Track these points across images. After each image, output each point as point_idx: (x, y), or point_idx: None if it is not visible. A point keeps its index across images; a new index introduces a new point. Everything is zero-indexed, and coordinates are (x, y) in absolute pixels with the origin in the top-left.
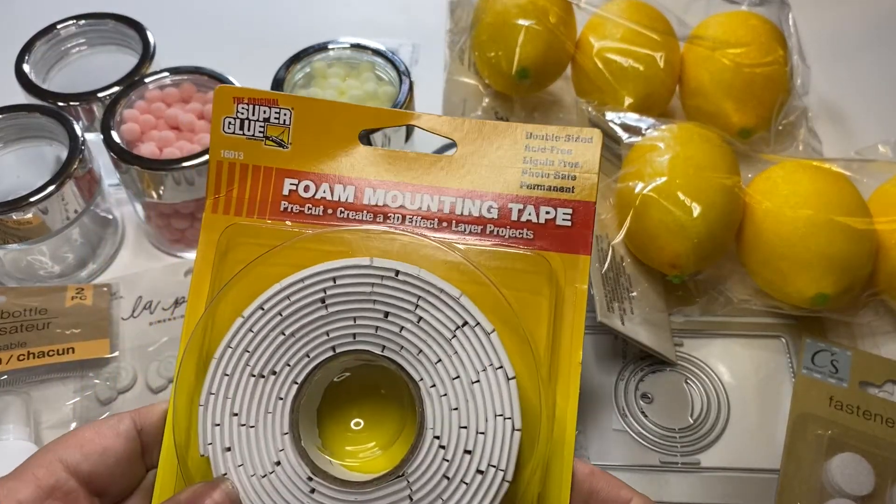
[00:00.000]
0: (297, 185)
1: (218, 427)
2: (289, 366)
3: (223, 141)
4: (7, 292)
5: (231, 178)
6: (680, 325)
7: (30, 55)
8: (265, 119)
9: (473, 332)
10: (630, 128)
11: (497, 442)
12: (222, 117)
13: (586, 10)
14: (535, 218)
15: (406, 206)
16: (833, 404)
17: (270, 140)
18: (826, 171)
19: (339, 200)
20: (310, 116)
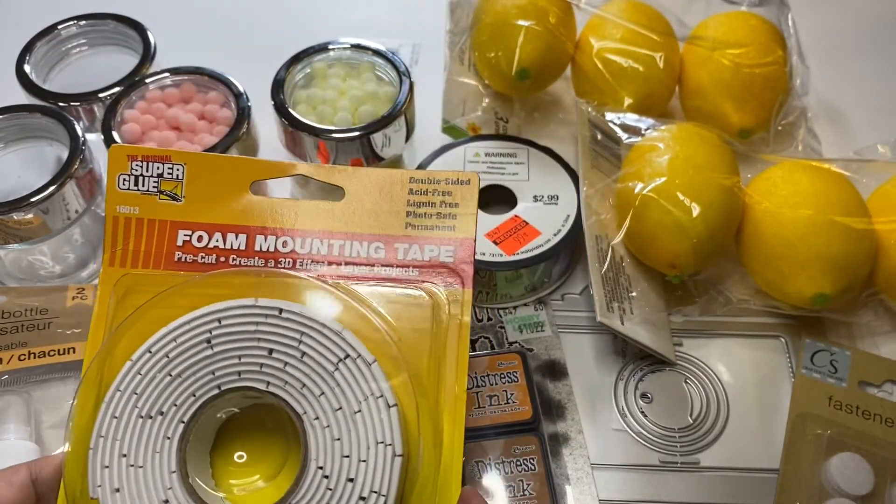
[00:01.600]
0: (191, 236)
1: (107, 469)
2: (175, 405)
3: (118, 197)
4: (8, 292)
5: (127, 233)
6: (679, 324)
7: (31, 55)
8: (158, 175)
9: (355, 363)
10: (630, 128)
11: (378, 468)
12: (117, 174)
13: (586, 10)
14: (419, 256)
15: (297, 251)
16: (832, 404)
17: (164, 194)
18: (825, 172)
19: (231, 248)
20: (202, 170)
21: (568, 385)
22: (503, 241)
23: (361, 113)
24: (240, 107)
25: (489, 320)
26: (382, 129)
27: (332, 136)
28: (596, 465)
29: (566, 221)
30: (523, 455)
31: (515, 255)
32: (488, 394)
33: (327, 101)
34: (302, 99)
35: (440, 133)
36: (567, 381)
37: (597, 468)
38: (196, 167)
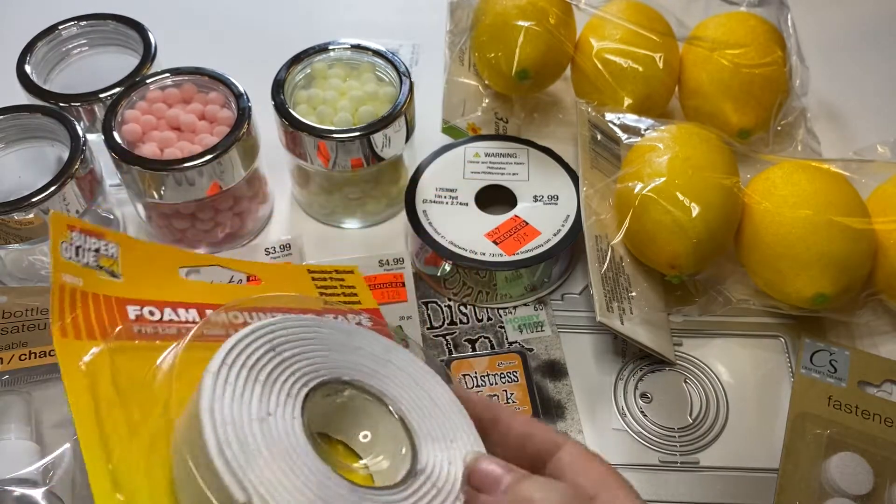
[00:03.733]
0: (142, 311)
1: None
2: (279, 406)
3: (63, 266)
4: (8, 292)
5: (73, 304)
6: (679, 324)
7: (31, 56)
8: (96, 250)
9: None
10: (629, 128)
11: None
12: (59, 242)
13: (586, 11)
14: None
15: (248, 322)
16: (832, 404)
17: (104, 270)
18: (825, 172)
19: (187, 321)
20: (134, 253)
21: (568, 385)
22: (503, 241)
23: (361, 113)
24: (240, 107)
25: (489, 320)
26: (382, 129)
27: (332, 137)
28: None
29: (566, 221)
30: None
31: (515, 255)
32: (488, 393)
33: (327, 101)
34: (302, 99)
35: (440, 133)
36: (567, 380)
37: None
38: (129, 249)
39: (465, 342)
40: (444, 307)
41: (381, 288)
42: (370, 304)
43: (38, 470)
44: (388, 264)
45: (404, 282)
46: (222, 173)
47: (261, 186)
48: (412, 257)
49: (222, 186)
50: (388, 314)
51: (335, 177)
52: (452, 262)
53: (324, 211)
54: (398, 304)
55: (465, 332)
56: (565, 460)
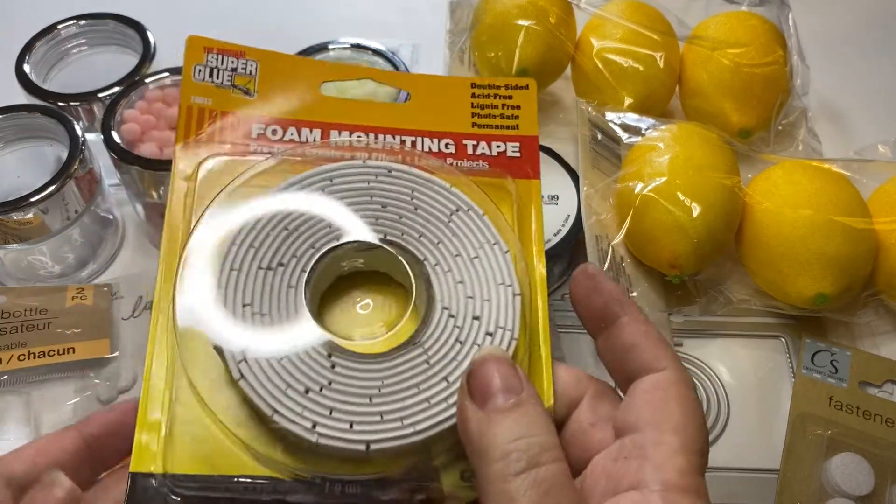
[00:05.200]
0: (265, 129)
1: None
2: (296, 257)
3: (193, 88)
4: (7, 292)
5: (200, 123)
6: (680, 324)
7: (30, 55)
8: (233, 69)
9: (468, 215)
10: (630, 128)
11: (502, 306)
12: (193, 65)
13: (586, 10)
14: (488, 151)
15: (371, 145)
16: (833, 404)
17: (237, 88)
18: (826, 172)
19: (306, 141)
20: (274, 69)
21: None
22: None
23: None
24: None
25: None
26: None
27: None
28: None
29: (566, 221)
30: None
31: None
32: None
33: None
34: None
35: None
36: None
37: None
38: (268, 65)
39: None
40: None
41: None
42: (529, 129)
43: None
44: None
45: None
46: None
47: None
48: None
49: None
50: None
51: None
52: None
53: None
54: None
55: None
56: (645, 386)
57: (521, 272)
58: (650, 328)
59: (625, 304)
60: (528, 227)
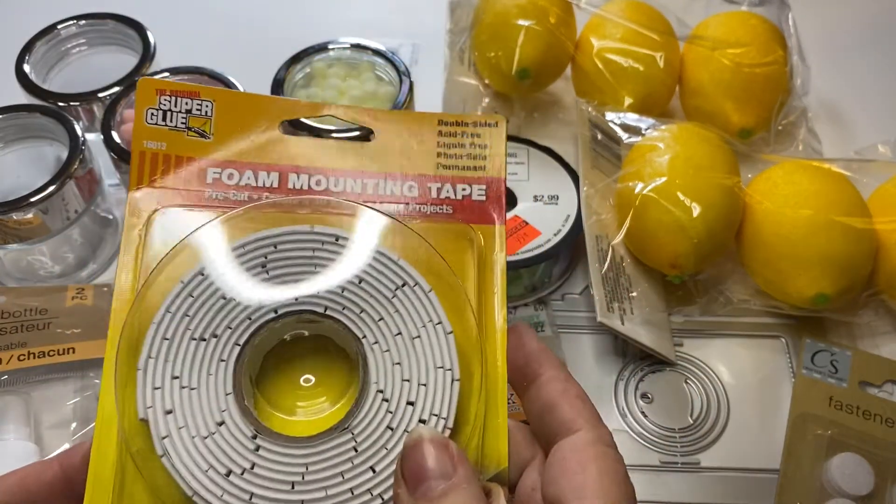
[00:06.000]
0: (221, 174)
1: (158, 390)
2: (230, 328)
3: (146, 132)
4: (7, 292)
5: (154, 167)
6: (680, 325)
7: (30, 55)
8: (187, 110)
9: (413, 291)
10: (630, 128)
11: (438, 392)
12: (145, 108)
13: (586, 10)
14: (452, 195)
15: (331, 189)
16: (833, 404)
17: (192, 131)
18: (826, 172)
19: (263, 186)
20: (231, 108)
21: None
22: None
23: None
24: None
25: None
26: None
27: (331, 136)
28: None
29: (566, 221)
30: None
31: (515, 255)
32: None
33: (327, 100)
34: (302, 98)
35: None
36: None
37: None
38: (225, 104)
39: None
40: None
41: None
42: (497, 171)
43: None
44: None
45: None
46: None
47: None
48: None
49: None
50: None
51: None
52: None
53: None
54: None
55: None
56: (561, 453)
57: (469, 353)
58: (570, 385)
59: (545, 362)
60: (489, 276)
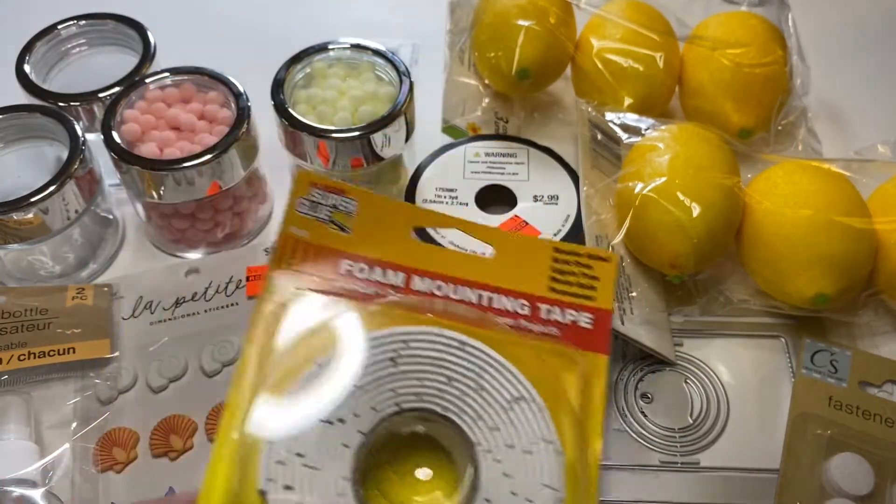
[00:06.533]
0: (353, 267)
1: (281, 465)
2: (356, 416)
3: (294, 219)
4: (7, 292)
5: (294, 252)
6: (679, 324)
7: (30, 55)
8: (333, 205)
9: (529, 406)
10: (630, 128)
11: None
12: (297, 197)
13: (586, 10)
14: (560, 318)
15: (450, 296)
16: (832, 404)
17: (334, 224)
18: (826, 171)
19: (390, 283)
20: (371, 208)
21: None
22: None
23: (361, 113)
24: (240, 107)
25: None
26: (382, 129)
27: (331, 137)
28: None
29: (566, 221)
30: None
31: None
32: None
33: (327, 100)
34: (302, 99)
35: (440, 133)
36: None
37: None
38: (366, 204)
39: None
40: None
41: None
42: (605, 303)
43: (38, 470)
44: None
45: None
46: (222, 173)
47: (260, 186)
48: None
49: (222, 186)
50: None
51: (335, 176)
52: None
53: None
54: None
55: None
56: None
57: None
58: None
59: None
60: (590, 402)
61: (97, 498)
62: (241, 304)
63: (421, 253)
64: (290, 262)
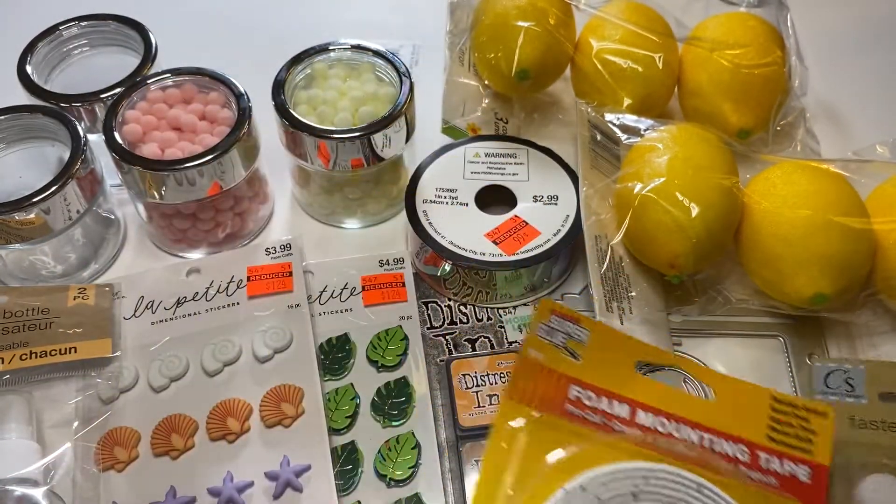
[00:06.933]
0: (581, 394)
1: None
2: None
3: (534, 342)
4: (9, 292)
5: (528, 373)
6: (678, 324)
7: (32, 56)
8: (567, 333)
9: None
10: (629, 128)
11: None
12: (539, 322)
13: (585, 11)
14: (779, 468)
15: (673, 434)
16: (856, 424)
17: (567, 350)
18: (824, 172)
19: (615, 414)
20: (601, 339)
21: None
22: (503, 241)
23: (362, 113)
24: (241, 107)
25: (489, 320)
26: (383, 129)
27: (332, 137)
28: None
29: (566, 221)
30: None
31: (515, 255)
32: (488, 393)
33: (328, 101)
34: (302, 99)
35: (440, 133)
36: None
37: None
38: (597, 335)
39: (464, 342)
40: (444, 307)
41: (381, 288)
42: (824, 458)
43: (39, 470)
44: (388, 264)
45: (404, 282)
46: (223, 173)
47: (261, 186)
48: (412, 257)
49: (223, 186)
50: (389, 314)
51: (335, 177)
52: (452, 262)
53: (324, 211)
54: (398, 304)
55: (465, 332)
56: None
57: None
58: None
59: None
60: None
61: (98, 497)
62: (241, 304)
63: (644, 387)
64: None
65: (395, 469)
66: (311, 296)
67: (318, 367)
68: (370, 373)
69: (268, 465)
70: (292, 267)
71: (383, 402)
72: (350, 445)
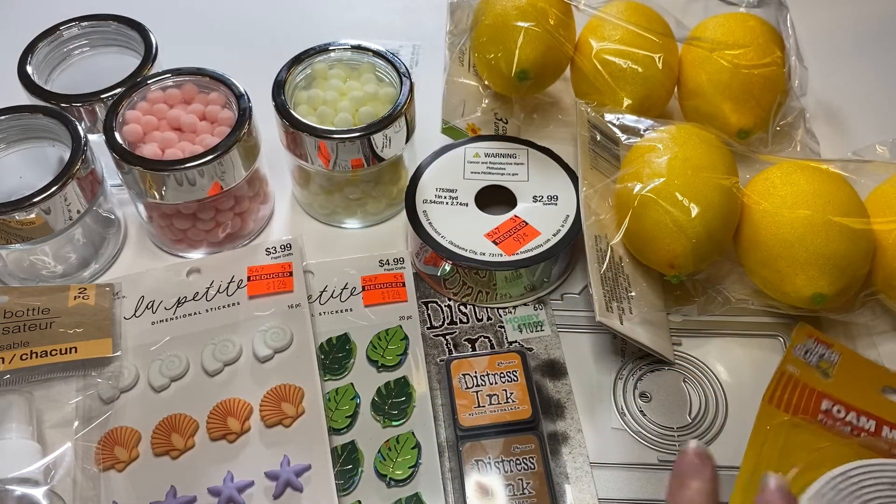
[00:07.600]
0: (832, 407)
1: None
2: None
3: (792, 359)
4: (10, 292)
5: (785, 385)
6: (678, 324)
7: (32, 56)
8: (821, 354)
9: None
10: (628, 129)
11: None
12: (797, 343)
13: (585, 11)
14: None
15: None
16: None
17: (819, 369)
18: (824, 172)
19: (862, 427)
20: (849, 362)
21: (567, 384)
22: (503, 241)
23: (362, 114)
24: (241, 108)
25: (489, 320)
26: (383, 129)
27: (332, 137)
28: (595, 464)
29: (565, 222)
30: (523, 454)
31: (515, 255)
32: (488, 393)
33: (328, 101)
34: (303, 100)
35: (440, 134)
36: (566, 380)
37: (596, 467)
38: (847, 359)
39: (464, 342)
40: (444, 307)
41: (381, 288)
42: None
43: (40, 469)
44: (388, 264)
45: (404, 282)
46: (223, 173)
47: (262, 186)
48: (412, 257)
49: (223, 186)
50: (388, 314)
51: (335, 177)
52: (452, 262)
53: (324, 211)
54: (398, 304)
55: (465, 332)
56: None
57: None
58: None
59: None
60: None
61: (99, 497)
62: (242, 304)
63: (889, 408)
64: (782, 392)
65: (396, 469)
66: (312, 296)
67: (319, 367)
68: (370, 373)
69: (268, 465)
70: (292, 267)
71: (383, 401)
72: (350, 445)
